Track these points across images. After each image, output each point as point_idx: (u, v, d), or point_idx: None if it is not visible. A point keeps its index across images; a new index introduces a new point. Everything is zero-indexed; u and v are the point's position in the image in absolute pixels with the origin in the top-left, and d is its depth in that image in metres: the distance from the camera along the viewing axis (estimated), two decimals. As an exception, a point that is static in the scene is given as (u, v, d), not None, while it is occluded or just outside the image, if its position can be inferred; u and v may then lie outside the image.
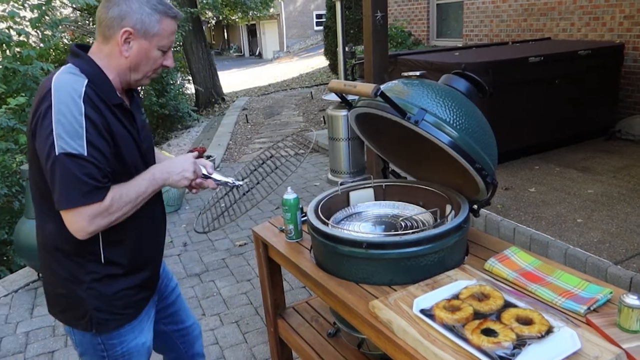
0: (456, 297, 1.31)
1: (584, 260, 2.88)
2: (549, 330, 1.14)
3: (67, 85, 1.24)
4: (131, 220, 1.36)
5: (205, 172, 1.50)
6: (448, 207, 1.71)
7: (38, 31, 5.12)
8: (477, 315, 1.22)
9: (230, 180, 1.56)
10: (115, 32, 1.29)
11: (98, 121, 1.24)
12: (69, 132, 1.20)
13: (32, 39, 5.24)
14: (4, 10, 4.69)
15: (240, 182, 1.58)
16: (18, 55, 4.56)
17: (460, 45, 7.43)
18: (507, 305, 1.26)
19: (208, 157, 5.83)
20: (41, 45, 5.37)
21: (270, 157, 1.83)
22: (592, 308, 1.29)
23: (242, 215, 1.51)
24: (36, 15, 4.80)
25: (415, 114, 1.46)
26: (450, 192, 1.74)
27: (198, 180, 1.47)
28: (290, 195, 1.80)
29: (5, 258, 4.35)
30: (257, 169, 1.77)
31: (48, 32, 5.16)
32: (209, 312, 3.11)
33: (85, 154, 1.21)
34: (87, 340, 1.46)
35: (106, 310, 1.42)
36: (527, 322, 1.17)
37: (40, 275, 3.62)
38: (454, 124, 1.47)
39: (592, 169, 4.34)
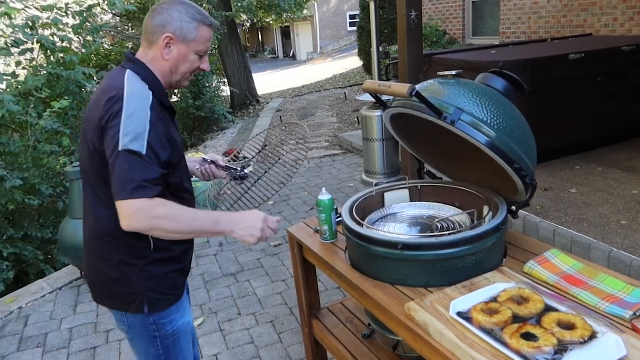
0: (494, 300, 1.28)
1: (628, 263, 2.77)
2: (593, 336, 1.10)
3: (138, 93, 1.37)
4: None
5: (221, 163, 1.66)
6: (485, 209, 1.68)
7: (80, 37, 5.31)
8: (517, 319, 1.19)
9: (245, 169, 1.69)
10: (158, 37, 1.43)
11: (160, 127, 1.37)
12: (134, 133, 1.31)
13: (74, 45, 5.44)
14: (48, 18, 4.87)
15: (252, 170, 1.67)
16: (61, 61, 4.73)
17: (497, 43, 7.28)
18: (548, 309, 1.22)
19: (244, 159, 5.90)
20: (83, 50, 5.57)
21: (265, 146, 1.88)
22: (638, 313, 1.24)
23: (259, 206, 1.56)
24: (78, 22, 4.97)
25: (451, 113, 1.44)
26: (487, 193, 1.71)
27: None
28: (325, 196, 1.81)
29: (50, 257, 4.52)
30: (258, 155, 1.83)
31: (89, 38, 5.34)
32: (245, 312, 3.15)
33: (144, 153, 1.31)
34: (139, 322, 1.55)
35: (157, 290, 1.53)
36: (569, 327, 1.14)
37: (83, 273, 3.74)
38: (492, 124, 1.44)
39: (637, 169, 4.18)
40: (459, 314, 1.25)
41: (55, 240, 4.22)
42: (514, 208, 1.65)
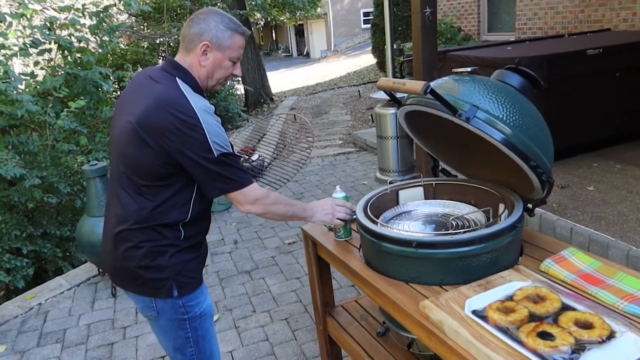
0: (510, 298, 1.27)
1: (648, 262, 2.73)
2: (611, 335, 1.08)
3: (203, 107, 1.49)
4: (207, 205, 1.66)
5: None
6: (501, 206, 1.66)
7: (96, 37, 5.36)
8: (533, 317, 1.18)
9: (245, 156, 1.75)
10: (196, 45, 1.54)
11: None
12: (219, 139, 1.49)
13: (91, 45, 5.50)
14: (65, 18, 4.93)
15: (254, 158, 1.75)
16: (79, 61, 4.79)
17: (513, 39, 7.19)
18: (565, 308, 1.21)
19: (258, 157, 5.92)
20: (99, 50, 5.63)
21: (263, 135, 2.01)
22: (658, 313, 1.22)
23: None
24: (95, 22, 5.02)
25: (466, 110, 1.43)
26: (503, 191, 1.69)
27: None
28: (338, 194, 1.82)
29: (68, 254, 4.59)
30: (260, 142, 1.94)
31: (106, 38, 5.40)
32: (259, 309, 3.16)
33: (232, 151, 1.55)
34: (168, 307, 1.64)
35: (186, 274, 1.64)
36: (586, 326, 1.12)
37: (103, 266, 3.79)
38: (507, 121, 1.43)
39: (657, 166, 4.10)
40: (474, 312, 1.24)
41: (73, 237, 4.28)
42: (530, 206, 1.64)
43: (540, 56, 4.22)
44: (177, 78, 1.53)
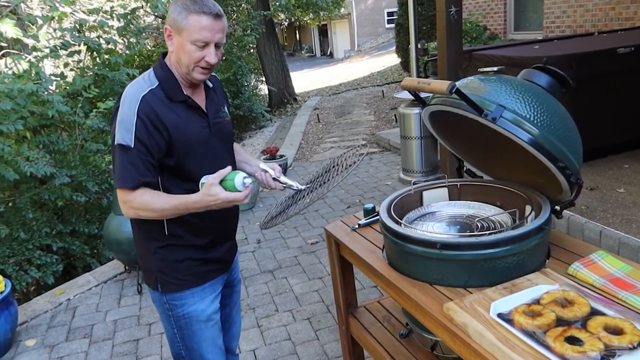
0: (537, 302, 1.25)
1: (681, 267, 2.64)
2: (642, 342, 1.06)
3: (130, 95, 1.50)
4: None
5: (274, 175, 1.69)
6: (528, 208, 1.63)
7: (124, 39, 5.46)
8: (560, 322, 1.16)
9: (294, 184, 1.69)
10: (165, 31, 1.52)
11: (148, 121, 1.47)
12: (124, 129, 1.47)
13: (118, 47, 5.60)
14: (94, 21, 5.04)
15: (302, 187, 1.67)
16: (107, 62, 4.89)
17: (541, 38, 7.06)
18: (594, 312, 1.18)
19: (281, 157, 5.95)
20: (127, 52, 5.74)
21: (334, 166, 1.85)
22: (692, 319, 1.18)
23: (293, 215, 1.59)
24: (122, 24, 5.12)
25: (492, 110, 1.41)
26: (530, 192, 1.66)
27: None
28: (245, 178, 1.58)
29: (95, 251, 4.69)
30: (319, 177, 1.80)
31: (133, 40, 5.50)
32: (282, 309, 3.18)
33: (132, 145, 1.46)
34: (157, 299, 1.70)
35: (168, 273, 1.64)
36: (616, 331, 1.10)
37: (127, 267, 3.87)
38: (535, 121, 1.40)
39: (692, 168, 3.98)
40: (500, 315, 1.22)
41: (101, 235, 4.37)
42: (557, 208, 1.60)
43: (569, 55, 4.13)
44: (152, 68, 1.57)
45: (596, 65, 4.13)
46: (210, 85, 1.68)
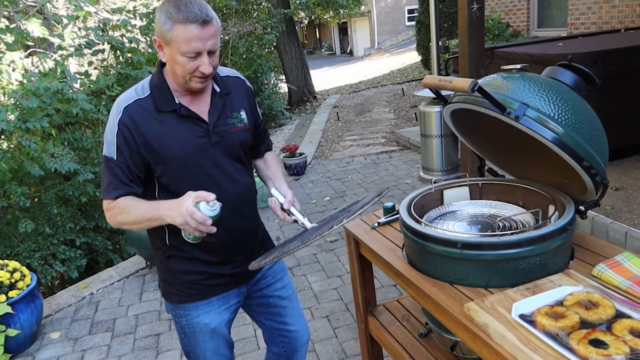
0: (560, 303, 1.23)
1: None
2: (670, 346, 1.03)
3: (116, 104, 1.48)
4: None
5: (285, 205, 1.58)
6: (551, 208, 1.60)
7: (146, 38, 5.53)
8: (584, 324, 1.14)
9: (304, 221, 1.56)
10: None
11: (128, 133, 1.44)
12: (108, 140, 1.47)
13: (141, 45, 5.67)
14: (117, 20, 5.11)
15: (309, 225, 1.54)
16: (129, 61, 4.96)
17: (565, 35, 6.93)
18: (619, 315, 1.16)
19: (300, 155, 5.96)
20: (149, 50, 5.80)
21: (345, 209, 1.75)
22: None
23: (287, 254, 1.44)
24: (145, 23, 5.19)
25: (515, 109, 1.39)
26: (553, 192, 1.64)
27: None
28: (208, 210, 1.39)
29: (117, 246, 4.77)
30: (331, 221, 1.67)
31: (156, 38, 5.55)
32: (301, 306, 3.18)
33: (115, 157, 1.45)
34: (166, 304, 1.71)
35: (170, 284, 1.64)
36: (642, 334, 1.07)
37: (148, 263, 3.92)
38: (559, 119, 1.38)
39: None
40: (522, 316, 1.20)
41: (123, 231, 4.44)
42: (582, 208, 1.57)
43: (595, 52, 4.05)
44: (150, 76, 1.54)
45: (623, 63, 4.04)
46: (218, 89, 1.57)
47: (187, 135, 1.50)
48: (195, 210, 1.34)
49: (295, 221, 1.55)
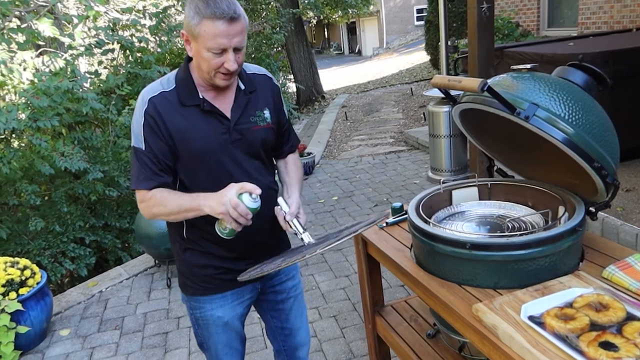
0: (570, 305, 1.22)
1: None
2: (681, 349, 1.02)
3: (141, 96, 1.51)
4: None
5: (287, 217, 1.52)
6: (561, 209, 1.59)
7: (156, 37, 5.56)
8: (594, 326, 1.13)
9: (304, 236, 1.52)
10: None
11: (154, 124, 1.46)
12: (135, 132, 1.49)
13: (150, 45, 5.70)
14: (127, 20, 5.14)
15: (307, 240, 1.51)
16: (139, 60, 4.98)
17: (575, 34, 6.88)
18: (630, 317, 1.14)
19: (308, 155, 5.97)
20: (158, 50, 5.83)
21: (342, 230, 1.71)
22: None
23: (275, 269, 1.39)
24: (154, 22, 5.21)
25: (525, 109, 1.38)
26: (563, 193, 1.62)
27: (240, 219, 1.41)
28: (251, 202, 1.43)
29: (126, 245, 4.79)
30: (329, 239, 1.63)
31: (164, 38, 5.58)
32: (308, 305, 3.18)
33: (143, 148, 1.47)
34: (182, 295, 1.74)
35: (187, 276, 1.67)
36: (654, 337, 1.06)
37: (157, 261, 3.94)
38: (569, 120, 1.37)
39: None
40: (531, 318, 1.19)
41: (132, 229, 4.46)
42: (592, 209, 1.56)
43: (606, 52, 4.01)
44: (177, 69, 1.55)
45: (634, 62, 4.00)
46: (243, 87, 1.57)
47: (209, 131, 1.51)
48: (239, 201, 1.38)
49: (296, 234, 1.54)
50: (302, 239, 1.52)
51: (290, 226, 1.53)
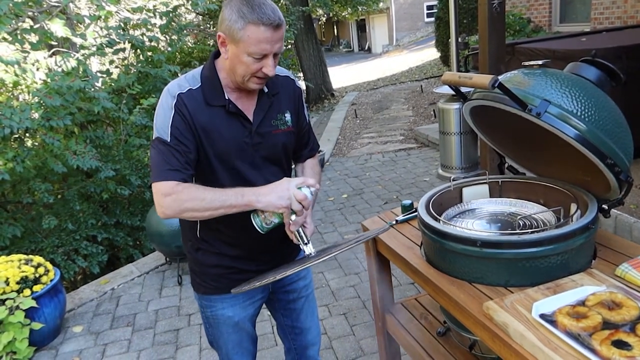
0: (582, 303, 1.21)
1: None
2: (696, 348, 1.01)
3: (168, 91, 1.47)
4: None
5: (292, 226, 1.48)
6: (573, 206, 1.58)
7: (166, 36, 5.59)
8: (607, 325, 1.12)
9: (304, 246, 1.50)
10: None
11: (182, 118, 1.43)
12: (160, 124, 1.44)
13: (161, 44, 5.74)
14: (138, 19, 5.17)
15: (307, 252, 1.49)
16: (150, 60, 5.01)
17: (588, 30, 6.80)
18: (644, 316, 1.13)
19: (318, 152, 5.97)
20: (169, 49, 5.86)
21: (341, 244, 1.68)
22: None
23: (270, 281, 1.37)
24: (165, 22, 5.24)
25: (537, 105, 1.37)
26: (575, 190, 1.61)
27: (293, 217, 1.42)
28: (304, 188, 1.48)
29: (138, 242, 4.83)
30: (331, 251, 1.60)
31: (174, 37, 5.61)
32: (318, 303, 3.19)
33: (169, 140, 1.42)
34: (194, 293, 1.74)
35: (198, 275, 1.67)
36: (668, 336, 1.05)
37: (168, 259, 3.97)
38: (582, 116, 1.35)
39: None
40: (542, 316, 1.19)
41: (143, 227, 4.50)
42: (605, 206, 1.54)
43: (619, 47, 3.97)
44: (201, 67, 1.52)
45: (648, 58, 3.94)
46: (266, 89, 1.54)
47: (231, 133, 1.49)
48: (305, 194, 1.39)
49: (299, 244, 1.52)
50: (303, 250, 1.50)
51: (295, 236, 1.51)
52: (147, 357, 2.89)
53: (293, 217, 1.43)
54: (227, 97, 1.48)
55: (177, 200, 1.39)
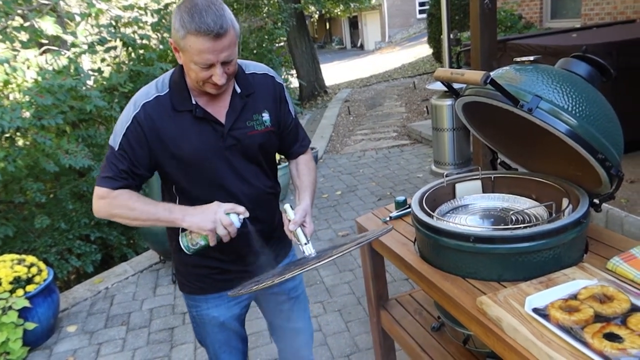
0: (574, 297, 1.22)
1: None
2: (686, 339, 1.02)
3: (135, 99, 1.46)
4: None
5: (290, 226, 1.48)
6: (565, 201, 1.59)
7: (158, 34, 5.56)
8: (599, 318, 1.13)
9: (306, 248, 1.47)
10: None
11: (140, 130, 1.42)
12: (117, 131, 1.45)
13: (152, 42, 5.71)
14: (129, 17, 5.14)
15: (307, 253, 1.47)
16: (141, 58, 4.99)
17: (579, 25, 6.83)
18: (635, 309, 1.15)
19: (311, 149, 5.96)
20: (160, 47, 5.83)
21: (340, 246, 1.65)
22: None
23: (269, 284, 1.33)
24: (156, 19, 5.21)
25: (528, 101, 1.38)
26: (567, 185, 1.62)
27: (228, 231, 1.40)
28: (232, 216, 1.45)
29: (131, 241, 4.82)
30: (332, 252, 1.56)
31: (166, 35, 5.58)
32: (313, 300, 3.20)
33: (116, 148, 1.43)
34: (182, 293, 1.75)
35: (183, 275, 1.69)
36: (658, 328, 1.06)
37: (162, 257, 3.96)
38: (573, 111, 1.37)
39: None
40: (535, 310, 1.20)
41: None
42: (596, 201, 1.56)
43: (610, 43, 3.99)
44: (171, 71, 1.50)
45: (638, 53, 3.97)
46: (239, 90, 1.50)
47: (201, 137, 1.46)
48: (232, 221, 1.39)
49: (299, 244, 1.50)
50: (303, 251, 1.48)
51: (294, 236, 1.49)
52: (142, 356, 2.88)
53: (213, 241, 1.42)
54: (194, 102, 1.45)
55: (109, 205, 1.44)
